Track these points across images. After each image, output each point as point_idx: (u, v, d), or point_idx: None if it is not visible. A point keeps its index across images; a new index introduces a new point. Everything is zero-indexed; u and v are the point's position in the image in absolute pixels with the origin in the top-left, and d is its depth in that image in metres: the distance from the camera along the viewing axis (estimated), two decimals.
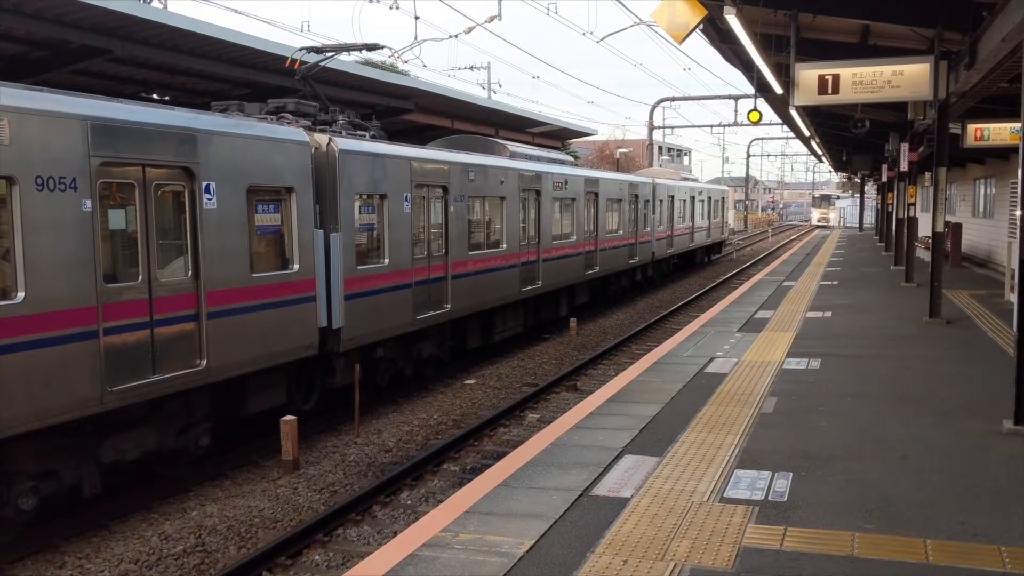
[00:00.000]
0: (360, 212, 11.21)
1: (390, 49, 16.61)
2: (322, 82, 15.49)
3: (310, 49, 12.86)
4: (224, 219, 8.85)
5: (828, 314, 14.13)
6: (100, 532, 7.94)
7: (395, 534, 6.90)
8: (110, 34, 11.45)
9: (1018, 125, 8.68)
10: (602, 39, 38.18)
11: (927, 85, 11.50)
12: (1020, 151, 6.95)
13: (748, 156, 75.65)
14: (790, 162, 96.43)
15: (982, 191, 24.56)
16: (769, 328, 12.71)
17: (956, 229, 23.63)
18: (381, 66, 24.81)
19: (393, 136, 13.92)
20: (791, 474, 5.96)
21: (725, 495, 5.57)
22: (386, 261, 11.70)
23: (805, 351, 10.73)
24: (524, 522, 5.15)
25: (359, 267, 11.07)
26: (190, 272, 8.51)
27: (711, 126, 72.62)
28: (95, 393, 7.40)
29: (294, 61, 12.85)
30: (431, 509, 5.97)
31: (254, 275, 9.30)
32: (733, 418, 7.51)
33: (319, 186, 10.36)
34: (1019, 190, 6.83)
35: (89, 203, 7.35)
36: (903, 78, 11.57)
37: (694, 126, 77.02)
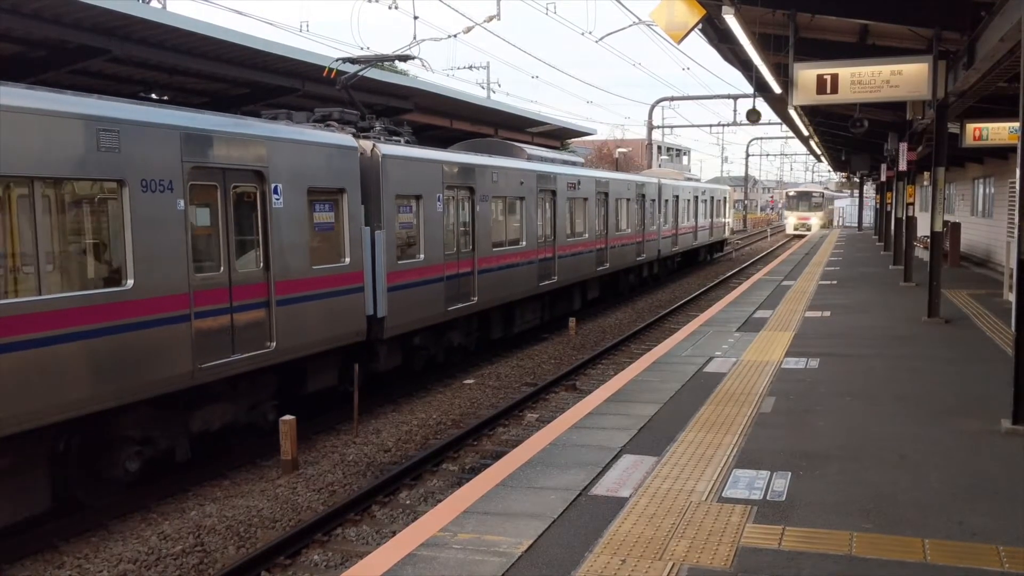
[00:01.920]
0: (399, 212, 12.22)
1: (421, 60, 17.38)
2: (322, 82, 15.51)
3: (346, 59, 13.92)
4: (289, 217, 9.90)
5: (827, 314, 14.14)
6: (99, 532, 7.94)
7: (394, 534, 6.91)
8: (109, 34, 11.45)
9: (1017, 124, 8.68)
10: (601, 39, 38.23)
11: (926, 85, 11.51)
12: (1019, 151, 6.95)
13: (747, 156, 75.71)
14: (789, 162, 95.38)
15: (981, 191, 24.57)
16: (768, 328, 12.72)
17: (955, 229, 23.64)
18: (380, 66, 24.80)
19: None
20: (789, 474, 5.96)
21: (724, 495, 5.57)
22: (422, 257, 12.73)
23: (804, 351, 10.73)
24: (523, 522, 5.15)
25: (399, 262, 12.12)
26: (261, 264, 9.57)
27: (710, 126, 72.57)
28: (188, 369, 8.45)
29: (331, 71, 13.85)
30: (430, 509, 5.97)
31: (313, 267, 10.33)
32: (732, 418, 7.52)
33: (365, 187, 11.39)
34: (1018, 190, 6.83)
35: (182, 203, 8.38)
36: (902, 78, 11.58)
37: (693, 126, 77.02)
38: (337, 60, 13.95)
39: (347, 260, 11.00)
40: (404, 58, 14.38)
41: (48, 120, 7.11)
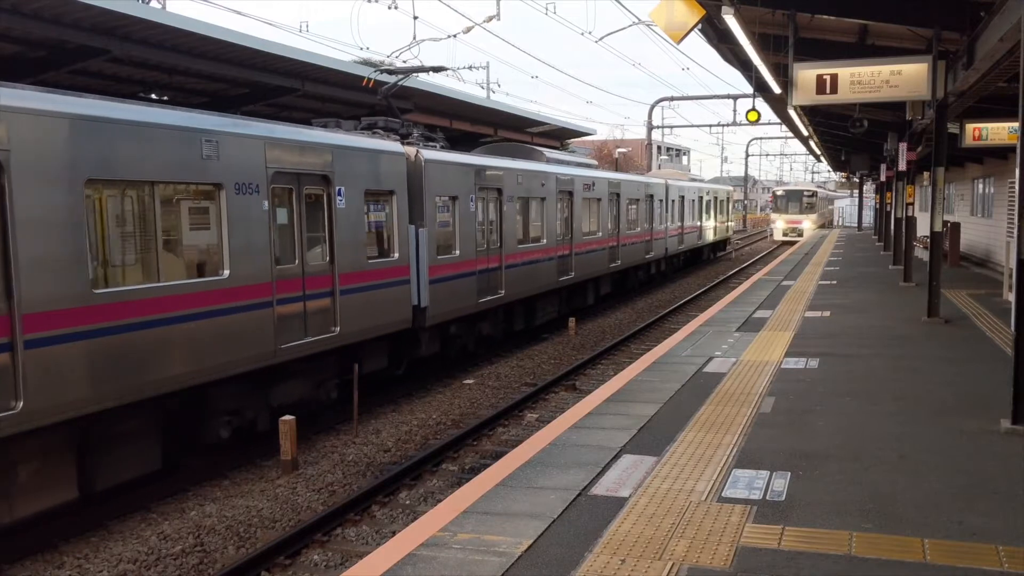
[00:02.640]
0: (438, 211, 13.38)
1: (452, 70, 18.11)
2: (322, 82, 15.52)
3: (383, 70, 15.36)
4: (350, 216, 11.05)
5: (827, 314, 14.14)
6: (99, 532, 7.95)
7: (394, 534, 6.91)
8: (108, 34, 11.44)
9: (1016, 124, 8.70)
10: (601, 39, 38.23)
11: (925, 85, 11.51)
12: (1018, 150, 6.96)
13: (747, 156, 75.69)
14: (789, 162, 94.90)
15: (980, 190, 24.58)
16: (768, 328, 12.72)
17: (954, 228, 23.65)
18: (379, 66, 24.79)
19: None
20: (789, 474, 5.96)
21: (723, 495, 5.57)
22: (457, 252, 13.86)
23: (803, 351, 10.74)
24: (522, 522, 5.15)
25: (438, 257, 13.25)
26: (327, 258, 10.69)
27: (710, 126, 72.37)
28: (271, 349, 9.61)
29: (370, 80, 15.17)
30: (430, 509, 5.98)
31: (369, 261, 11.53)
32: (731, 418, 7.52)
33: (410, 189, 12.51)
34: (1017, 190, 6.84)
35: (266, 203, 9.53)
36: (901, 78, 11.58)
37: (693, 126, 76.87)
38: (376, 71, 15.40)
39: (396, 255, 12.17)
40: (438, 69, 15.47)
41: (167, 131, 8.31)
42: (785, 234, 48.41)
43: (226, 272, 8.99)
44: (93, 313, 7.48)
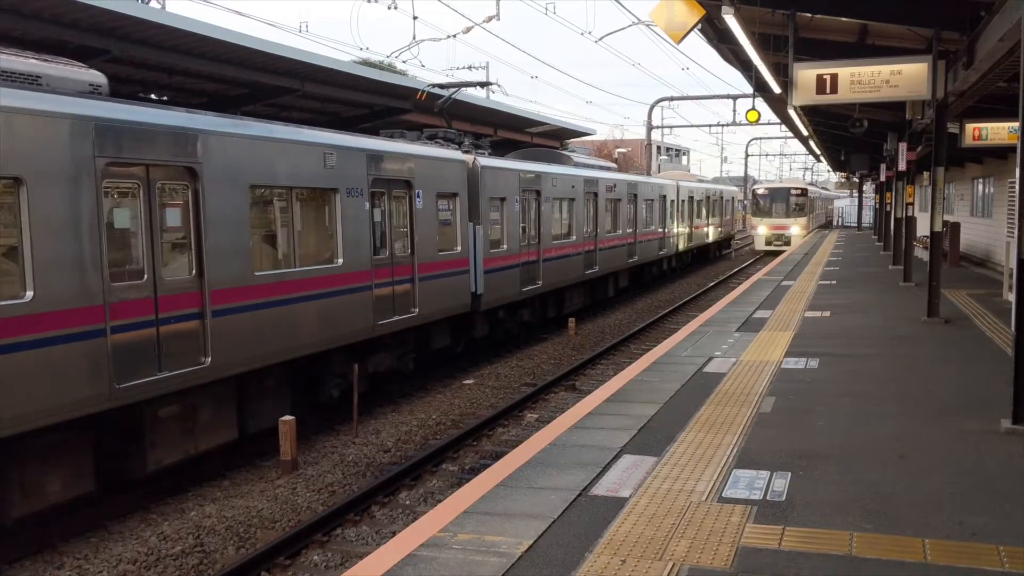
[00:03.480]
0: (491, 211, 15.30)
1: (497, 85, 19.68)
2: (322, 83, 15.53)
3: (435, 85, 17.17)
4: (426, 215, 12.96)
5: (826, 314, 14.14)
6: (98, 532, 7.94)
7: (394, 534, 6.90)
8: (108, 34, 11.44)
9: (1016, 124, 8.71)
10: (600, 39, 38.27)
11: (925, 85, 11.51)
12: (1018, 150, 6.95)
13: (747, 156, 75.62)
14: (788, 162, 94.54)
15: (980, 190, 24.57)
16: (768, 328, 12.72)
17: (954, 228, 23.64)
18: (379, 66, 24.80)
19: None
20: (789, 474, 5.96)
21: (723, 495, 5.56)
22: (505, 247, 15.79)
23: (803, 351, 10.73)
24: (522, 522, 5.14)
25: (491, 251, 15.19)
26: (408, 250, 12.59)
27: (709, 126, 72.25)
28: (370, 325, 11.54)
29: (423, 93, 16.85)
30: (429, 509, 5.97)
31: (440, 253, 13.39)
32: (731, 418, 7.51)
33: (469, 191, 14.44)
34: (1017, 189, 6.83)
35: (367, 204, 11.44)
36: (901, 78, 11.57)
37: (692, 126, 76.88)
38: (430, 85, 17.28)
39: (459, 248, 14.08)
40: (484, 84, 18.12)
41: (303, 147, 10.30)
42: (768, 242, 39.77)
43: (340, 260, 10.97)
44: (255, 291, 9.51)
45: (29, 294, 7.01)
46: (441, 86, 16.84)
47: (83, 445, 7.84)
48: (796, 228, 40.18)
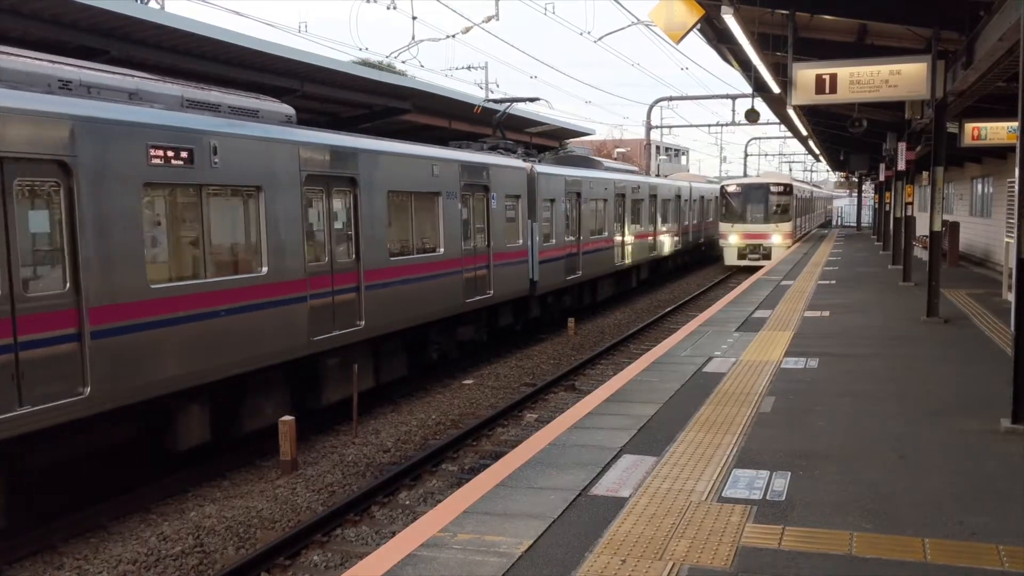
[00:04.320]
0: (543, 210, 17.90)
1: (547, 101, 21.21)
2: (321, 83, 15.54)
3: (490, 100, 20.44)
4: (499, 214, 15.82)
5: (826, 313, 14.14)
6: (98, 533, 7.94)
7: (393, 534, 6.90)
8: (107, 35, 11.43)
9: (1015, 124, 8.70)
10: (600, 39, 38.24)
11: (924, 84, 11.51)
12: (1018, 150, 6.95)
13: (746, 156, 75.55)
14: (788, 162, 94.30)
15: (979, 190, 24.58)
16: (767, 328, 12.72)
17: (953, 228, 23.65)
18: (379, 66, 24.79)
19: (394, 136, 14.45)
20: (789, 473, 5.96)
21: (723, 494, 5.56)
22: (553, 241, 18.48)
23: (803, 350, 10.73)
24: (522, 522, 5.14)
25: (544, 244, 17.82)
26: (486, 243, 15.26)
27: (708, 125, 72.20)
28: (460, 303, 14.25)
29: (479, 108, 19.76)
30: (429, 509, 5.97)
31: (507, 245, 16.16)
32: (731, 418, 7.51)
33: (528, 193, 17.11)
34: (1016, 189, 6.83)
35: (460, 205, 14.16)
36: (900, 77, 11.58)
37: (692, 126, 76.71)
38: (486, 100, 20.27)
39: (521, 242, 16.83)
40: (533, 99, 20.75)
41: (418, 160, 13.10)
42: (742, 255, 31.93)
43: (441, 250, 13.66)
44: (390, 272, 12.13)
45: (264, 269, 9.73)
46: (496, 101, 20.23)
47: (286, 383, 10.50)
48: (777, 236, 31.59)
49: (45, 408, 7.10)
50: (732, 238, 32.13)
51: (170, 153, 8.46)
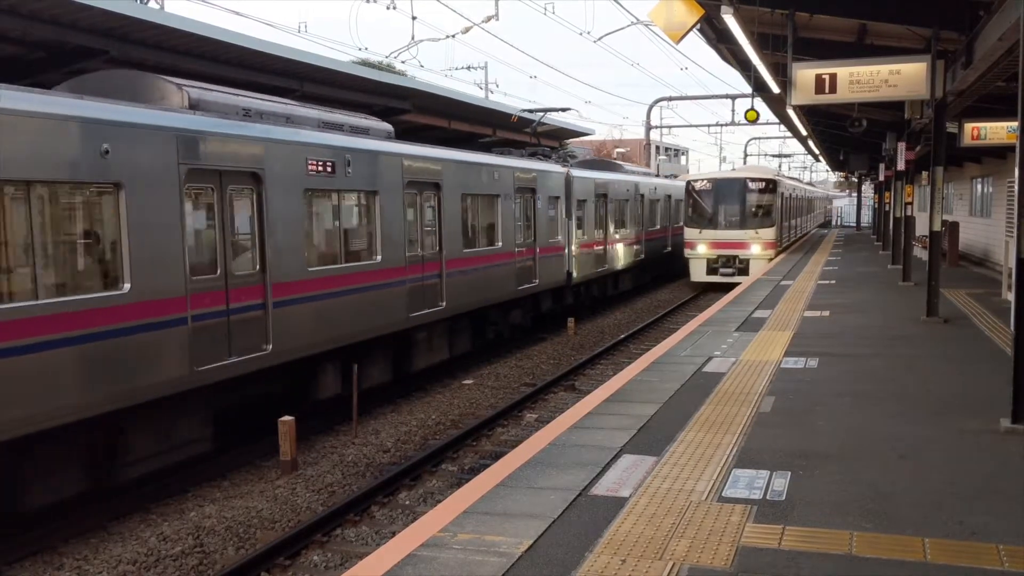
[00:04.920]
0: (576, 209, 20.08)
1: (576, 111, 23.09)
2: (320, 83, 15.53)
3: (525, 111, 22.21)
4: (542, 212, 18.03)
5: (826, 313, 14.14)
6: (98, 533, 7.94)
7: (393, 534, 6.90)
8: (107, 35, 11.42)
9: (1015, 124, 8.67)
10: (599, 39, 38.23)
11: (924, 84, 11.51)
12: (1017, 150, 6.95)
13: (745, 156, 75.61)
14: (787, 162, 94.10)
15: (979, 190, 24.58)
16: (767, 327, 12.72)
17: (953, 228, 23.65)
18: (378, 66, 24.78)
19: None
20: (789, 473, 5.96)
21: (723, 494, 5.56)
22: (585, 237, 20.82)
23: (803, 350, 10.73)
24: (522, 522, 5.14)
25: (577, 240, 20.19)
26: (531, 239, 17.55)
27: (708, 125, 72.25)
28: (513, 289, 16.71)
29: (516, 117, 21.67)
30: (429, 509, 5.96)
31: (549, 240, 18.39)
32: (731, 417, 7.51)
33: (565, 194, 19.35)
34: (1016, 189, 6.83)
35: (513, 204, 16.60)
36: (900, 77, 11.58)
37: (691, 126, 76.72)
38: (522, 110, 22.16)
39: (559, 237, 19.10)
40: (565, 109, 22.80)
41: (481, 167, 15.43)
42: (711, 269, 25.89)
43: (500, 244, 15.97)
44: (464, 262, 14.50)
45: (379, 258, 11.99)
46: (530, 111, 21.99)
47: (389, 352, 12.79)
48: (756, 246, 25.53)
49: (245, 359, 9.50)
50: (700, 247, 25.83)
51: (320, 165, 10.78)
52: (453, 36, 21.03)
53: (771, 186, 26.40)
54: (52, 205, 7.60)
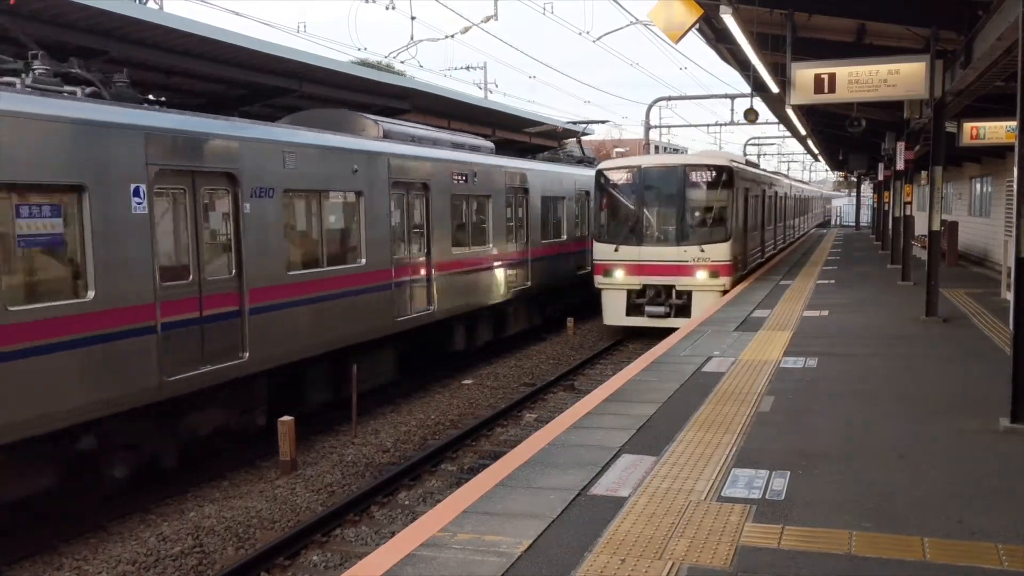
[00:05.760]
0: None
1: (614, 124, 24.75)
2: (320, 83, 15.53)
3: (569, 122, 24.57)
4: (571, 212, 20.73)
5: (825, 313, 14.14)
6: (98, 533, 7.94)
7: (393, 534, 6.90)
8: (106, 35, 11.42)
9: (1014, 123, 8.67)
10: (598, 39, 38.23)
11: (923, 84, 11.52)
12: (1016, 149, 6.96)
13: (745, 156, 75.64)
14: (787, 161, 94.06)
15: (978, 189, 24.60)
16: (766, 327, 12.72)
17: (952, 227, 23.66)
18: (377, 66, 24.79)
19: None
20: (788, 473, 5.96)
21: (723, 494, 5.57)
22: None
23: (802, 350, 10.74)
24: (522, 522, 5.14)
25: None
26: (563, 236, 20.20)
27: (707, 125, 72.24)
28: (573, 273, 20.71)
29: (559, 127, 24.26)
30: (429, 509, 5.97)
31: (575, 236, 20.84)
32: (730, 417, 7.52)
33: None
34: (1015, 188, 6.84)
35: (574, 204, 20.69)
36: (899, 77, 11.58)
37: (691, 125, 76.75)
38: (566, 123, 24.63)
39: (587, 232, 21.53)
40: (603, 122, 26.95)
41: (559, 174, 19.91)
42: (634, 306, 17.54)
43: (564, 237, 20.00)
44: (544, 250, 18.23)
45: (491, 245, 15.92)
46: (573, 123, 24.95)
47: (492, 320, 16.57)
48: (703, 273, 17.14)
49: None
50: (616, 273, 17.45)
51: (461, 177, 14.85)
52: (452, 36, 21.07)
53: (724, 178, 17.42)
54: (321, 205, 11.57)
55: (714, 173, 17.62)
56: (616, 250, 17.56)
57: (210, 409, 9.39)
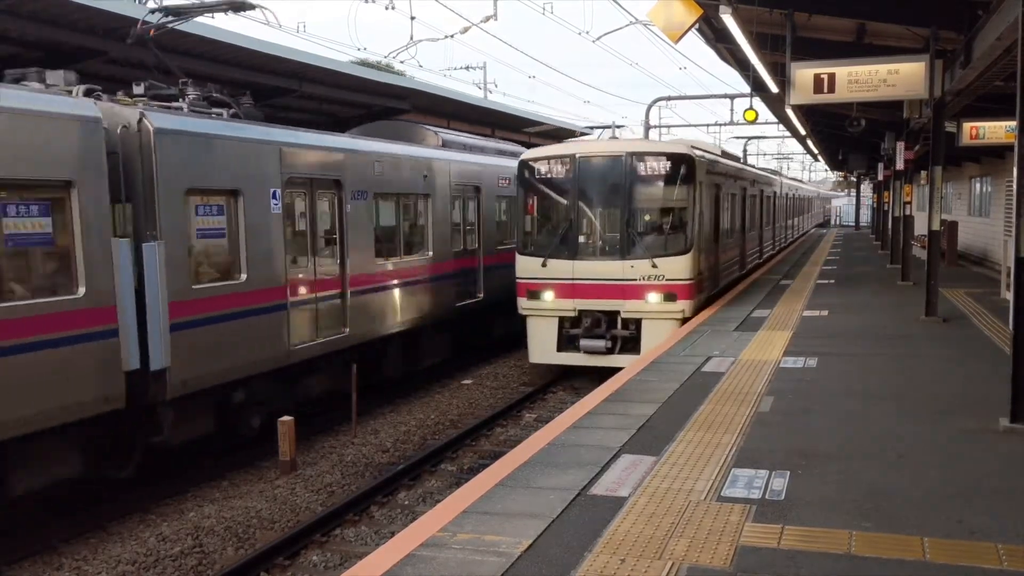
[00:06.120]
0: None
1: (623, 127, 24.69)
2: (320, 83, 15.54)
3: (588, 127, 26.74)
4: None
5: (825, 313, 14.14)
6: (98, 533, 7.94)
7: (393, 534, 6.90)
8: (105, 36, 11.43)
9: (1014, 123, 8.66)
10: (598, 38, 38.19)
11: (922, 84, 11.52)
12: (1016, 149, 6.96)
13: (745, 155, 75.57)
14: (786, 161, 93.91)
15: (978, 189, 24.60)
16: (766, 327, 12.72)
17: (952, 227, 23.67)
18: (377, 66, 24.80)
19: None
20: (788, 473, 5.96)
21: (722, 494, 5.57)
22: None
23: (802, 350, 10.73)
24: (522, 522, 5.14)
25: None
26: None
27: (707, 125, 72.14)
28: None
29: (586, 132, 25.77)
30: (429, 509, 5.97)
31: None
32: (730, 417, 7.52)
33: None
34: (1015, 188, 6.84)
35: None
36: (899, 77, 11.58)
37: (690, 125, 76.32)
38: (590, 127, 25.61)
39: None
40: (619, 127, 25.82)
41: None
42: (569, 338, 13.44)
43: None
44: None
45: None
46: (590, 128, 25.81)
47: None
48: (655, 295, 13.19)
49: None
50: (545, 295, 13.64)
51: (505, 181, 16.84)
52: (452, 36, 21.08)
53: (683, 170, 13.41)
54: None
55: (670, 164, 13.34)
56: (544, 265, 13.44)
57: (318, 375, 11.26)
